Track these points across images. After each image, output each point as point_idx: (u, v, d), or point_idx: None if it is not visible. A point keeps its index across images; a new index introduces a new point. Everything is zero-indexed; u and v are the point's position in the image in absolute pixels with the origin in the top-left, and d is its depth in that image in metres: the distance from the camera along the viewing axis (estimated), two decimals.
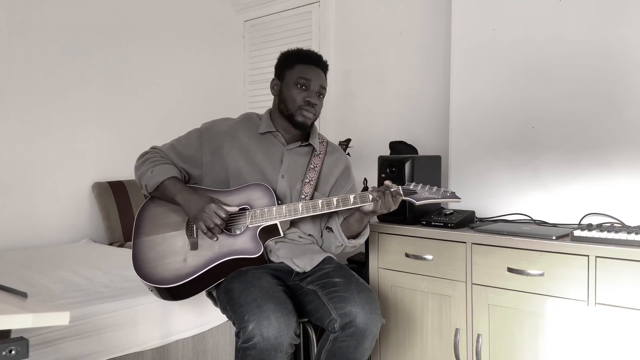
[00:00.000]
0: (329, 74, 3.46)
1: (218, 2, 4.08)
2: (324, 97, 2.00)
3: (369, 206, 1.83)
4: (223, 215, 1.81)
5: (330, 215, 2.01)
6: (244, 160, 1.95)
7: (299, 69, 1.95)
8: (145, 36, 3.72)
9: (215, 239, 1.85)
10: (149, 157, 1.96)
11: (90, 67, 3.48)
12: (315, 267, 1.89)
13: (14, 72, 3.20)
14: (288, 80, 1.96)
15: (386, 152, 2.67)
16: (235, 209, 1.86)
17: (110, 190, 3.46)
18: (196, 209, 1.83)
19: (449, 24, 2.59)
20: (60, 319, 1.00)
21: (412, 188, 1.86)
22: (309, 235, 2.00)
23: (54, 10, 3.34)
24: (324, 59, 2.02)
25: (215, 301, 1.98)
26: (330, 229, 1.98)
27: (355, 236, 1.97)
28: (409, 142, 2.70)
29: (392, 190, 1.82)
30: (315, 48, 3.57)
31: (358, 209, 1.86)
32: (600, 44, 2.12)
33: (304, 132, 2.05)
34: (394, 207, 1.83)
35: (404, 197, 1.84)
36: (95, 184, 3.49)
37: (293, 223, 1.95)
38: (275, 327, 1.59)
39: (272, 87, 2.03)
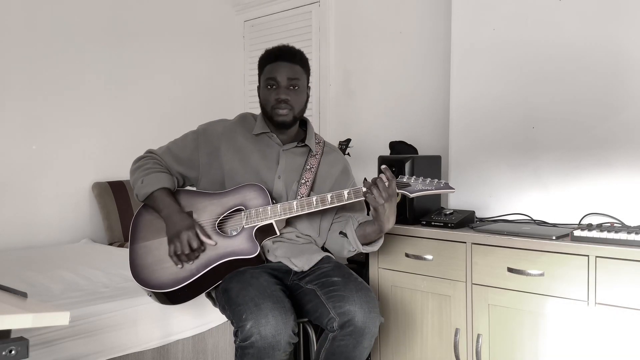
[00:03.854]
0: (329, 73, 3.51)
1: (218, 2, 4.08)
2: (299, 87, 1.94)
3: (371, 205, 1.78)
4: (194, 246, 1.79)
5: (345, 219, 1.98)
6: (239, 162, 1.95)
7: (267, 70, 1.94)
8: (145, 36, 3.72)
9: (179, 265, 1.82)
10: (143, 164, 1.95)
11: (90, 67, 3.48)
12: (313, 267, 1.88)
13: (14, 72, 3.20)
14: (261, 83, 1.97)
15: (386, 152, 2.67)
16: (212, 242, 1.83)
17: (110, 190, 3.46)
18: (173, 232, 1.82)
19: (449, 24, 2.59)
20: (60, 319, 1.00)
21: (405, 180, 1.83)
22: (307, 235, 2.00)
23: (54, 10, 3.34)
24: (292, 50, 1.98)
25: (215, 302, 1.98)
26: (344, 234, 1.95)
27: (369, 243, 1.93)
28: (409, 142, 2.70)
29: (386, 174, 1.78)
30: (315, 48, 3.57)
31: (374, 222, 1.83)
32: (600, 44, 2.12)
33: (299, 132, 2.05)
34: (393, 192, 1.77)
35: (397, 190, 1.81)
36: (95, 184, 3.49)
37: (290, 223, 1.95)
38: (273, 326, 1.59)
39: (258, 95, 2.04)
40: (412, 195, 1.82)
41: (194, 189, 2.01)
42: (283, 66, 1.93)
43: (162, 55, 3.80)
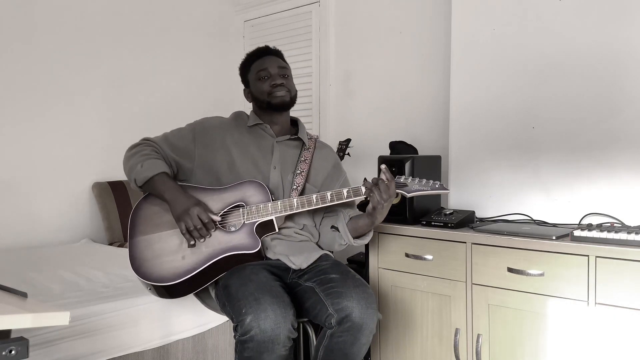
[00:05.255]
0: (329, 73, 3.51)
1: (218, 2, 4.08)
2: (289, 77, 2.07)
3: (370, 203, 1.85)
4: (205, 220, 1.82)
5: (335, 214, 2.03)
6: (237, 152, 1.99)
7: (256, 65, 2.07)
8: (145, 36, 3.72)
9: (192, 242, 1.84)
10: (140, 150, 1.97)
11: (91, 67, 3.48)
12: (312, 265, 1.90)
13: (14, 72, 3.20)
14: (251, 80, 2.08)
15: (386, 152, 2.67)
16: (218, 218, 1.87)
17: (110, 190, 3.46)
18: (181, 209, 1.84)
19: (449, 24, 2.59)
20: (60, 319, 1.00)
21: (402, 181, 1.91)
22: (303, 226, 2.02)
23: (54, 10, 3.34)
24: (275, 48, 2.14)
25: (206, 303, 2.02)
26: (336, 228, 1.99)
27: (360, 236, 1.99)
28: (409, 142, 2.70)
29: (386, 176, 1.83)
30: (315, 48, 3.57)
31: (368, 216, 1.90)
32: (601, 44, 2.12)
33: (290, 127, 2.11)
34: (393, 192, 1.84)
35: (395, 190, 1.87)
36: (95, 184, 3.49)
37: (288, 216, 1.97)
38: (272, 320, 1.61)
39: (246, 97, 2.14)
40: (409, 195, 1.90)
41: (189, 184, 2.01)
42: (271, 59, 2.07)
43: (162, 55, 3.80)
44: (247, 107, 2.17)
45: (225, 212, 1.91)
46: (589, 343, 1.79)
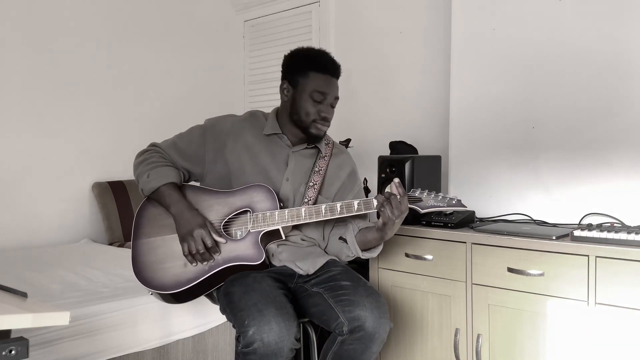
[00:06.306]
0: None
1: (218, 2, 4.08)
2: (335, 107, 1.96)
3: (381, 218, 1.76)
4: (209, 244, 1.76)
5: (344, 225, 1.96)
6: (247, 160, 1.91)
7: (314, 80, 1.87)
8: (146, 36, 3.72)
9: (194, 264, 1.79)
10: (148, 157, 1.91)
11: (91, 67, 3.48)
12: (320, 270, 1.86)
13: (14, 72, 3.20)
14: (302, 89, 1.88)
15: (386, 152, 2.67)
16: (223, 240, 1.80)
17: (110, 190, 3.46)
18: (185, 230, 1.78)
19: (449, 24, 2.59)
20: (60, 319, 1.00)
21: (417, 195, 1.81)
22: (311, 238, 1.98)
23: (55, 9, 3.34)
24: (337, 64, 1.94)
25: (214, 300, 1.97)
26: (344, 240, 1.93)
27: (369, 249, 1.92)
28: (409, 142, 2.70)
29: (398, 190, 1.76)
30: None
31: (378, 231, 1.81)
32: (601, 44, 2.12)
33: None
34: (405, 209, 1.76)
35: (408, 205, 1.78)
36: (95, 184, 3.49)
37: (296, 226, 1.91)
38: (276, 333, 1.57)
39: (282, 92, 1.95)
40: (423, 211, 1.81)
41: (198, 184, 1.98)
42: (334, 84, 1.92)
43: (162, 55, 3.80)
44: (248, 107, 2.13)
45: (230, 217, 1.86)
46: (589, 343, 1.79)
